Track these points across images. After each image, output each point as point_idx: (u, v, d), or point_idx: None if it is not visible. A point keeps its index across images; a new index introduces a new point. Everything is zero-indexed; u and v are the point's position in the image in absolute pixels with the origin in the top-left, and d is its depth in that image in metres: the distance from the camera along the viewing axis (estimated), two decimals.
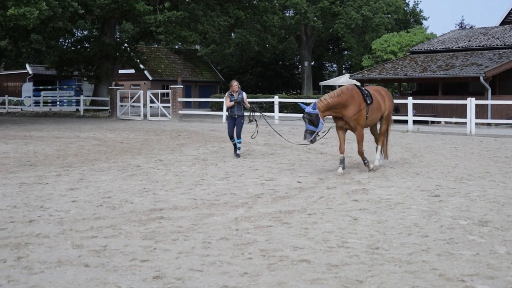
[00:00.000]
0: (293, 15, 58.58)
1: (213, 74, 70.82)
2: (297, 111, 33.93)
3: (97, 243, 7.28)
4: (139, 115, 38.33)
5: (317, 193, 10.77)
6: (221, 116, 34.63)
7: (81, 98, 46.28)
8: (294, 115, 31.92)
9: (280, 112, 33.27)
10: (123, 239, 7.48)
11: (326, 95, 13.34)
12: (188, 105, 56.45)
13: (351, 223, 8.31)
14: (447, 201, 9.94)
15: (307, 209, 9.30)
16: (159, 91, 40.53)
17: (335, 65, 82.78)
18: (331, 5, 56.36)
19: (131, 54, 49.23)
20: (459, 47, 36.99)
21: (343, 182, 12.07)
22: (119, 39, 55.86)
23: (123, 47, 49.05)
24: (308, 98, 39.44)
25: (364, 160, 13.55)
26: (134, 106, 40.40)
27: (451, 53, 36.63)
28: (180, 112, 36.48)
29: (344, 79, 48.88)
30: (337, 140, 13.64)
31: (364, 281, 5.85)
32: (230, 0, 44.22)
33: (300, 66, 69.40)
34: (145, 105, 39.01)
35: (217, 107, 47.28)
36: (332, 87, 52.76)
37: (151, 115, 37.79)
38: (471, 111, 25.50)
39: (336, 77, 63.59)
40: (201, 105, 58.52)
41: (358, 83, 37.94)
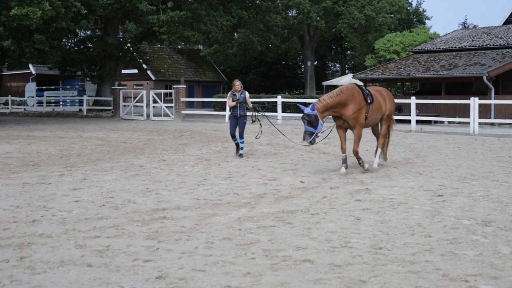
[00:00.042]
0: (296, 15, 58.63)
1: (216, 74, 70.84)
2: (300, 111, 33.87)
3: (100, 243, 7.27)
4: (142, 115, 38.34)
5: (320, 193, 10.75)
6: (224, 116, 34.62)
7: (84, 98, 46.30)
8: (297, 115, 31.88)
9: (283, 112, 33.25)
10: (126, 239, 7.47)
11: (325, 95, 13.27)
12: (191, 105, 56.48)
13: (354, 223, 8.29)
14: (450, 201, 9.92)
15: (310, 209, 9.28)
16: (162, 91, 40.54)
17: (338, 65, 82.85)
18: (334, 5, 56.37)
19: (134, 54, 49.27)
20: (462, 46, 36.94)
21: (346, 182, 12.06)
22: (122, 39, 55.95)
23: (126, 47, 49.11)
24: (311, 98, 39.40)
25: (359, 160, 13.38)
26: (137, 106, 40.44)
27: (454, 53, 36.58)
28: (183, 112, 36.49)
29: (347, 79, 48.85)
30: (339, 140, 13.61)
31: (367, 281, 5.84)
32: (233, 0, 44.23)
33: (303, 66, 69.42)
34: (148, 105, 39.02)
35: (220, 107, 47.29)
36: (335, 87, 52.71)
37: (154, 115, 37.80)
38: (474, 111, 25.46)
39: (339, 77, 63.57)
40: (204, 105, 58.53)
41: (361, 83, 38.01)
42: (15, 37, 45.04)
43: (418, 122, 28.32)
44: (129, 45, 50.37)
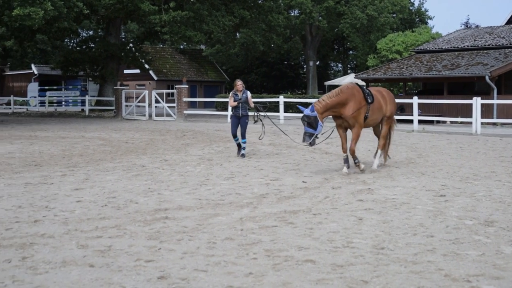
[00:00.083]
0: (298, 14, 58.57)
1: (218, 74, 70.83)
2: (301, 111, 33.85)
3: (102, 243, 7.27)
4: (144, 115, 38.36)
5: (322, 193, 10.75)
6: (226, 116, 34.60)
7: (87, 98, 46.34)
8: (299, 115, 31.81)
9: (285, 112, 33.22)
10: (128, 239, 7.47)
11: (324, 95, 13.21)
12: (193, 105, 56.44)
13: (356, 223, 8.29)
14: (452, 201, 9.91)
15: (312, 209, 9.28)
16: (164, 91, 40.55)
17: (340, 65, 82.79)
18: (336, 5, 56.32)
19: (136, 54, 49.26)
20: (464, 46, 36.90)
21: (348, 182, 12.05)
22: (124, 39, 55.99)
23: (128, 47, 49.10)
24: (313, 98, 39.39)
25: (355, 159, 13.23)
26: (139, 106, 40.45)
27: (456, 53, 36.54)
28: (185, 112, 36.50)
29: (349, 79, 48.78)
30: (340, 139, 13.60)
31: (369, 281, 5.83)
32: (235, 0, 44.22)
33: (305, 66, 69.35)
34: (150, 105, 39.03)
35: (222, 107, 47.27)
36: (337, 87, 52.58)
37: (156, 115, 37.82)
38: (476, 111, 25.44)
39: (341, 76, 63.53)
40: (206, 105, 58.52)
41: (363, 83, 37.98)
42: (17, 37, 45.06)
43: (420, 122, 28.30)
44: (131, 45, 50.34)
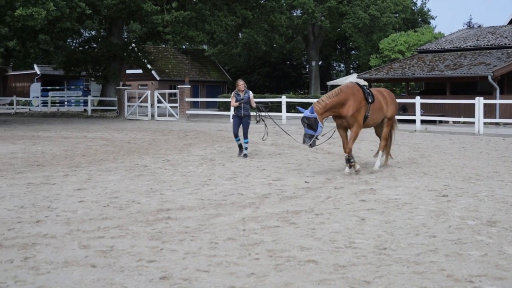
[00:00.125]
0: (300, 14, 58.59)
1: (221, 74, 70.88)
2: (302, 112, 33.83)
3: (104, 243, 7.27)
4: (147, 115, 38.37)
5: (324, 193, 10.74)
6: (228, 116, 34.60)
7: (89, 98, 46.41)
8: (301, 114, 31.80)
9: (287, 112, 33.21)
10: (130, 239, 7.47)
11: (324, 95, 13.14)
12: (195, 105, 56.51)
13: (359, 223, 8.27)
14: (455, 201, 9.89)
15: (314, 209, 9.27)
16: (167, 91, 40.55)
17: (342, 65, 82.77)
18: (338, 5, 56.33)
19: (139, 54, 49.32)
20: (467, 46, 36.85)
21: (350, 182, 12.04)
22: (126, 39, 55.95)
23: (131, 47, 49.15)
24: (315, 98, 39.36)
25: (350, 159, 13.03)
26: (141, 106, 40.46)
27: (459, 53, 36.49)
28: (187, 112, 36.50)
29: (351, 79, 48.80)
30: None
31: (371, 281, 5.82)
32: (237, 0, 44.22)
33: (307, 65, 69.37)
34: (152, 105, 39.06)
35: (225, 107, 47.32)
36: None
37: (158, 115, 37.83)
38: (479, 111, 25.40)
39: (343, 76, 63.51)
40: (209, 105, 58.56)
41: (365, 83, 37.95)
42: (20, 37, 45.16)
43: (423, 122, 28.26)
44: (133, 45, 50.39)
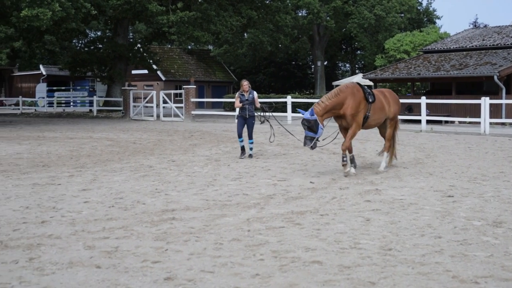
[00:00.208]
0: (305, 15, 58.54)
1: (226, 74, 70.89)
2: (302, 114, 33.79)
3: (108, 244, 7.27)
4: (152, 116, 38.42)
5: (329, 193, 10.72)
6: (234, 116, 34.57)
7: (95, 98, 46.48)
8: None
9: (293, 112, 33.18)
10: (134, 240, 7.47)
11: (324, 96, 13.06)
12: (201, 105, 56.52)
13: (364, 224, 8.26)
14: (460, 201, 9.86)
15: (319, 209, 9.25)
16: (172, 92, 40.59)
17: (348, 65, 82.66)
18: (343, 5, 56.27)
19: (144, 54, 49.36)
20: (472, 46, 36.77)
21: (355, 182, 12.01)
22: (132, 40, 56.01)
23: (136, 48, 49.19)
24: (320, 98, 39.30)
25: (343, 158, 12.82)
26: (147, 106, 40.50)
27: (464, 52, 36.41)
28: (193, 112, 36.53)
29: (357, 79, 48.75)
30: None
31: (376, 282, 5.81)
32: (242, 0, 44.22)
33: (313, 66, 69.32)
34: (158, 106, 39.10)
35: (230, 107, 47.30)
36: None
37: (164, 116, 37.87)
38: (485, 111, 25.34)
39: (349, 76, 63.44)
40: (214, 105, 58.56)
41: (371, 83, 37.90)
42: (25, 38, 45.28)
43: (428, 122, 28.20)
44: (139, 45, 50.44)
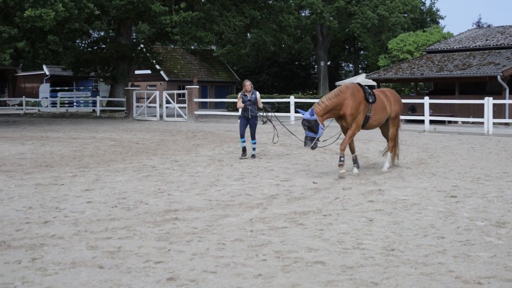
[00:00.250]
0: (309, 15, 58.48)
1: (229, 74, 70.87)
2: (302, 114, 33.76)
3: (111, 244, 7.28)
4: (155, 116, 38.43)
5: (332, 194, 10.72)
6: (237, 116, 34.59)
7: (98, 99, 46.51)
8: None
9: (296, 112, 33.13)
10: (137, 240, 7.48)
11: (324, 96, 13.05)
12: (204, 105, 56.51)
13: (367, 224, 8.25)
14: (464, 202, 9.84)
15: (322, 210, 9.25)
16: (175, 92, 40.59)
17: (351, 65, 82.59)
18: (347, 5, 56.20)
19: (147, 54, 49.36)
20: (476, 46, 36.71)
21: (358, 182, 12.00)
22: (135, 40, 56.09)
23: (139, 48, 49.20)
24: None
25: (340, 158, 12.71)
26: (150, 106, 40.54)
27: (468, 52, 36.36)
28: (196, 112, 36.54)
29: (360, 79, 48.72)
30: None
31: (379, 283, 5.80)
32: (245, 0, 44.21)
33: (316, 66, 69.25)
34: (161, 106, 39.11)
35: (233, 107, 47.34)
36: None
37: (167, 116, 37.89)
38: (488, 111, 25.30)
39: (352, 77, 63.38)
40: (217, 106, 58.54)
41: (374, 83, 37.86)
42: (29, 38, 45.31)
43: (431, 122, 28.16)
44: (142, 46, 50.43)
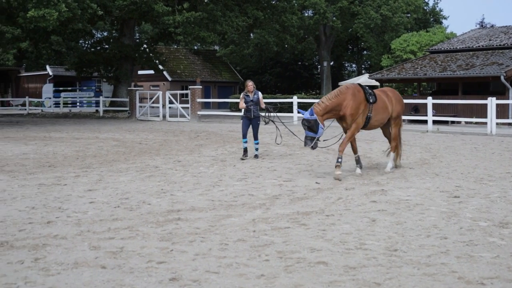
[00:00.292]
0: (312, 15, 58.42)
1: (232, 74, 70.88)
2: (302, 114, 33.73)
3: (114, 244, 7.28)
4: (158, 116, 38.46)
5: (335, 194, 10.71)
6: (240, 116, 34.58)
7: (101, 99, 46.56)
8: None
9: (298, 112, 33.10)
10: (140, 240, 7.48)
11: (324, 97, 13.04)
12: (207, 105, 56.53)
13: (369, 225, 8.24)
14: (467, 202, 9.83)
15: (325, 210, 9.24)
16: (178, 92, 40.62)
17: (354, 65, 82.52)
18: (350, 5, 56.14)
19: (150, 55, 49.40)
20: (479, 46, 36.67)
21: (361, 183, 11.99)
22: (138, 40, 56.06)
23: (142, 48, 49.24)
24: None
25: (338, 159, 12.66)
26: (153, 107, 40.55)
27: (471, 53, 36.32)
28: (199, 112, 36.55)
29: (363, 79, 48.67)
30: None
31: (382, 283, 5.79)
32: (248, 0, 44.21)
33: (319, 66, 69.21)
34: (164, 106, 39.13)
35: (236, 107, 47.28)
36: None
37: (170, 116, 37.90)
38: (491, 111, 25.27)
39: (355, 77, 63.34)
40: (220, 106, 58.55)
41: (377, 83, 37.84)
42: (32, 38, 45.39)
43: (434, 122, 28.14)
44: (145, 46, 50.48)
